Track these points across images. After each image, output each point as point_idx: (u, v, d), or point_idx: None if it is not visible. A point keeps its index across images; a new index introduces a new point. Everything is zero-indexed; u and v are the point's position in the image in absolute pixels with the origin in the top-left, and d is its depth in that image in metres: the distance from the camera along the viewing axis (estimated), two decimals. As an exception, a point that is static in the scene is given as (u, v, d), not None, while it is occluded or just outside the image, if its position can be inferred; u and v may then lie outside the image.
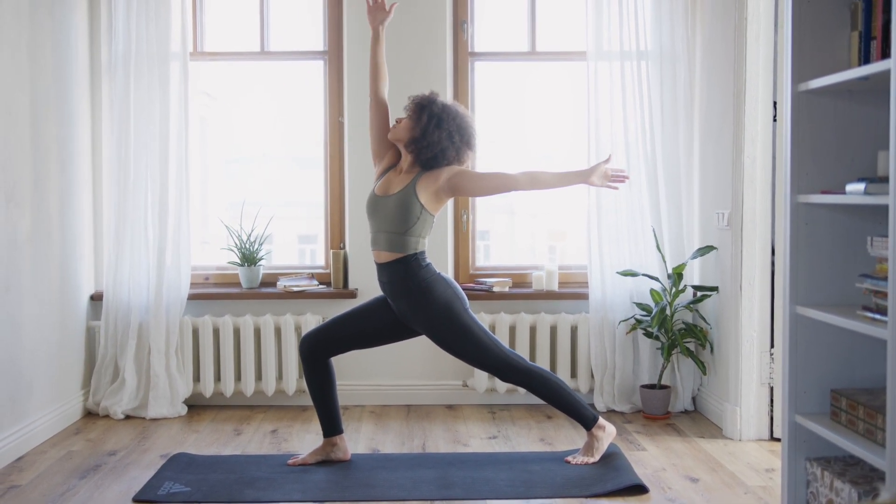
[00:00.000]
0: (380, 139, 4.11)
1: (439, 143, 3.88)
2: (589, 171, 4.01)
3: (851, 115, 3.02)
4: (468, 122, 3.98)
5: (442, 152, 3.90)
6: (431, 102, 3.93)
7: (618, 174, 4.05)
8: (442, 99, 3.98)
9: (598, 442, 4.07)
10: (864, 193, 2.70)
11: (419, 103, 3.94)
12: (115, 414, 4.95)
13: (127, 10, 4.98)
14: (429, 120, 3.88)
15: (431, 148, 3.89)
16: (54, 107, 4.70)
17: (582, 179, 4.02)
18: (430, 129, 3.88)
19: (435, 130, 3.87)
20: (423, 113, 3.90)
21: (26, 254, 4.38)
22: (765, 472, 3.99)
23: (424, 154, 3.90)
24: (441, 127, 3.88)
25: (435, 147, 3.88)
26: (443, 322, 3.92)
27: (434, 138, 3.88)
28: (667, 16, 5.03)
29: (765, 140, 4.45)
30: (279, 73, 5.61)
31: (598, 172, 4.00)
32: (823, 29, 3.01)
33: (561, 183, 4.04)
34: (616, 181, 4.06)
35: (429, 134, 3.88)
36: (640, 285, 5.04)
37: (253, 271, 5.25)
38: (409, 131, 3.93)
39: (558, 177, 4.02)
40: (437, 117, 3.89)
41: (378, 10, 4.09)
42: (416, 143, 3.90)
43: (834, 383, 3.07)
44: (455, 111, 3.95)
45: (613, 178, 4.05)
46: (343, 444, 4.13)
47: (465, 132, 3.94)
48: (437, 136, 3.88)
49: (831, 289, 3.06)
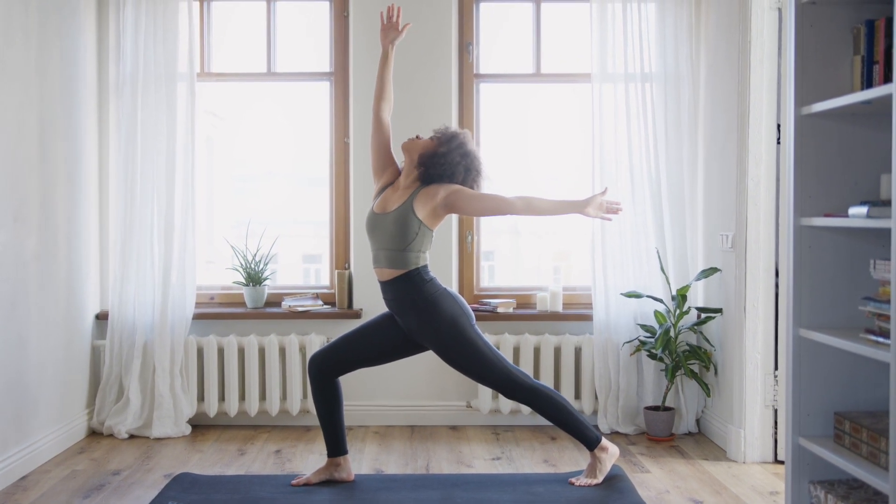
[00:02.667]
0: (379, 156, 4.16)
1: (453, 166, 3.94)
2: (585, 203, 4.02)
3: (854, 139, 3.04)
4: (483, 166, 4.07)
5: (451, 174, 3.95)
6: (455, 135, 4.02)
7: (612, 206, 4.07)
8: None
9: (601, 463, 4.07)
10: (866, 217, 2.71)
11: (452, 132, 4.04)
12: (120, 433, 4.96)
13: (135, 31, 5.02)
14: (457, 146, 3.97)
15: (446, 167, 3.94)
16: (62, 126, 4.73)
17: (577, 210, 4.04)
18: (453, 150, 3.96)
19: (458, 155, 3.96)
20: (454, 140, 3.99)
21: (33, 272, 4.40)
22: (769, 495, 3.98)
23: (436, 170, 3.95)
24: (465, 156, 3.97)
25: (449, 167, 3.94)
26: (449, 337, 3.93)
27: (452, 159, 3.94)
28: (671, 38, 5.05)
29: (768, 162, 4.46)
30: (285, 93, 5.65)
31: (593, 204, 4.02)
32: (826, 53, 3.03)
33: (556, 211, 4.07)
34: (611, 213, 4.08)
35: (450, 153, 3.95)
36: (645, 307, 5.04)
37: (258, 291, 5.26)
38: (429, 147, 3.99)
39: (554, 205, 4.04)
40: (459, 143, 3.98)
41: (391, 29, 4.15)
42: (434, 157, 3.95)
43: (837, 406, 3.06)
44: (477, 154, 4.05)
45: (608, 209, 4.06)
46: (347, 465, 4.13)
47: (478, 171, 4.03)
48: (457, 160, 3.95)
49: (834, 311, 3.07)
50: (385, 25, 4.16)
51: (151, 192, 5.04)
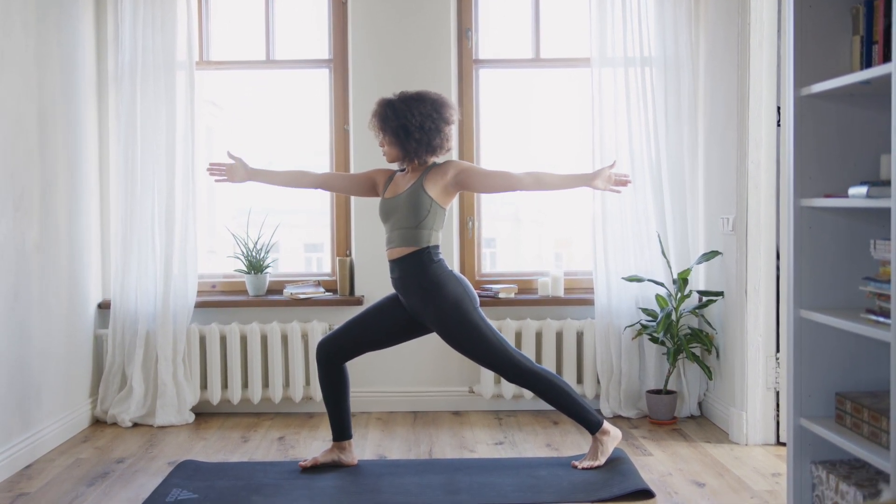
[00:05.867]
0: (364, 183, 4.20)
1: (421, 140, 3.93)
2: (593, 175, 4.05)
3: (854, 119, 3.03)
4: (424, 99, 3.97)
5: (428, 144, 3.95)
6: (384, 116, 3.96)
7: (621, 178, 4.09)
8: (390, 98, 3.99)
9: (603, 446, 4.08)
10: (866, 197, 2.71)
11: (378, 124, 3.98)
12: (123, 422, 4.97)
13: (133, 20, 5.01)
14: (395, 133, 3.93)
15: (420, 149, 3.94)
16: (62, 116, 4.73)
17: (586, 182, 4.06)
18: (403, 139, 3.93)
19: (407, 137, 3.93)
20: (387, 130, 3.96)
21: (34, 262, 4.40)
22: (771, 477, 3.99)
23: (421, 156, 3.96)
24: (409, 129, 3.91)
25: (422, 145, 3.94)
26: (452, 319, 3.94)
27: (413, 143, 3.93)
28: (670, 22, 5.04)
29: (769, 145, 4.46)
30: (285, 81, 5.64)
31: (602, 176, 4.04)
32: (825, 33, 3.03)
33: (564, 185, 4.09)
34: (619, 185, 4.09)
35: (406, 143, 3.94)
36: (646, 291, 5.05)
37: (259, 279, 5.27)
38: (394, 150, 3.98)
39: (562, 178, 4.07)
40: (401, 126, 3.92)
41: (233, 172, 4.18)
42: (407, 154, 3.97)
43: (838, 387, 3.07)
44: (408, 103, 3.94)
45: (617, 182, 4.08)
46: (351, 450, 4.15)
47: (431, 113, 3.94)
48: (414, 137, 3.92)
49: (835, 292, 3.07)
50: (227, 171, 4.18)
51: (152, 182, 5.04)
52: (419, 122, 3.91)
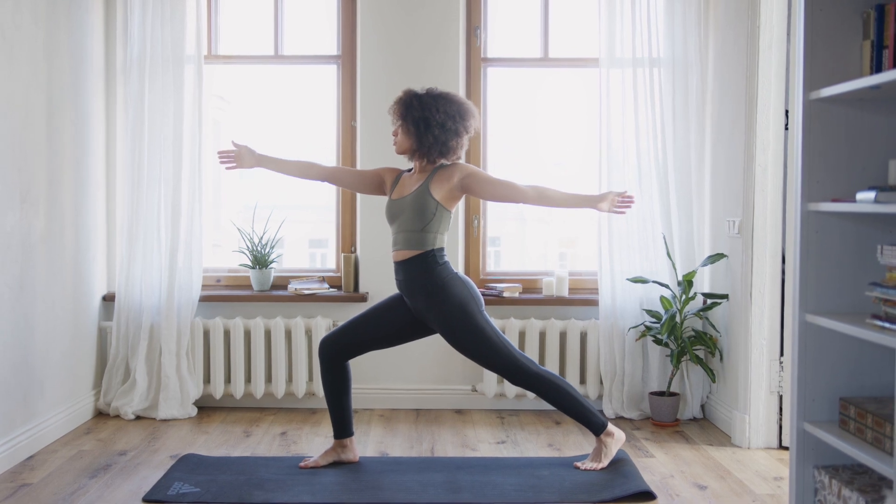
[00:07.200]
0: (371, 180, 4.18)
1: (439, 138, 3.91)
2: (599, 197, 4.05)
3: (863, 124, 3.02)
4: (452, 100, 3.97)
5: (444, 144, 3.93)
6: (409, 105, 3.94)
7: (625, 200, 4.08)
8: (418, 90, 3.97)
9: (606, 448, 4.08)
10: (874, 202, 2.70)
11: (400, 111, 3.96)
12: (126, 414, 4.98)
13: (142, 13, 5.01)
14: (416, 124, 3.91)
15: (435, 146, 3.92)
16: (69, 108, 4.73)
17: (591, 204, 4.05)
18: (422, 132, 3.91)
19: (426, 131, 3.90)
20: (408, 119, 3.93)
21: (40, 253, 4.41)
22: (773, 481, 3.98)
23: (433, 155, 3.94)
24: (430, 124, 3.89)
25: (438, 143, 3.92)
26: (457, 321, 3.94)
27: (431, 138, 3.91)
28: (679, 23, 5.03)
29: (776, 148, 4.45)
30: (293, 76, 5.64)
31: (608, 199, 4.05)
32: (835, 37, 3.02)
33: (569, 203, 4.07)
34: (623, 206, 4.09)
35: (423, 136, 3.91)
36: (651, 292, 5.04)
37: (264, 274, 5.27)
38: (408, 141, 3.96)
39: (567, 197, 4.04)
40: (423, 118, 3.90)
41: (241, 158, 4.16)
42: (420, 148, 3.94)
43: (843, 391, 3.06)
44: (435, 99, 3.93)
45: (621, 204, 4.07)
46: (352, 447, 4.15)
47: (455, 115, 3.94)
48: (433, 133, 3.90)
49: (841, 297, 3.06)
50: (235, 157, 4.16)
51: (158, 175, 5.05)
52: (441, 120, 3.90)
